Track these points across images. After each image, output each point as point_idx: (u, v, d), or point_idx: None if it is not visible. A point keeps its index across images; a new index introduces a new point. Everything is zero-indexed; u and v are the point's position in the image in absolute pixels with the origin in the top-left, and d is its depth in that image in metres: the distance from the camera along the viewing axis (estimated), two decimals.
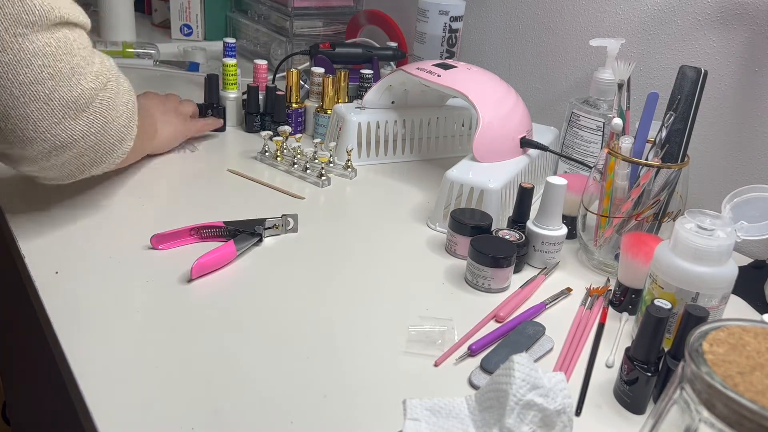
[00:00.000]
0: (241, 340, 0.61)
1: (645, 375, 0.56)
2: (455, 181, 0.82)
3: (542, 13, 1.11)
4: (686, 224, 0.61)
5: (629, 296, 0.71)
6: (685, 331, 0.55)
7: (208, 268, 0.70)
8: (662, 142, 0.73)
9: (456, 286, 0.73)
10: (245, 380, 0.56)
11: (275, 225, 0.79)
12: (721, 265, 0.60)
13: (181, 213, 0.81)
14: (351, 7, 1.40)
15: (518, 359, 0.49)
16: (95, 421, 0.51)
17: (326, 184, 0.94)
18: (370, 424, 0.53)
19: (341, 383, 0.57)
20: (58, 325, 0.60)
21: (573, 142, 0.95)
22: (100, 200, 0.83)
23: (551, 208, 0.76)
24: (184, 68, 1.37)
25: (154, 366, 0.57)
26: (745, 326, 0.39)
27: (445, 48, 1.16)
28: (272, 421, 0.52)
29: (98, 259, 0.71)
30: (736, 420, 0.33)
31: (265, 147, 0.98)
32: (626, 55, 0.95)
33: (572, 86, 1.08)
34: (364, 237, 0.81)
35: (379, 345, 0.62)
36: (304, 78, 1.17)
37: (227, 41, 1.12)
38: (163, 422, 0.51)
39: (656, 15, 0.94)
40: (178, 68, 1.37)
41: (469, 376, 0.59)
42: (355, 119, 0.98)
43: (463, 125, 1.08)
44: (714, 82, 0.88)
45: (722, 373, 0.35)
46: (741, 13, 0.85)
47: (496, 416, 0.49)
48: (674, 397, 0.38)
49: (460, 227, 0.77)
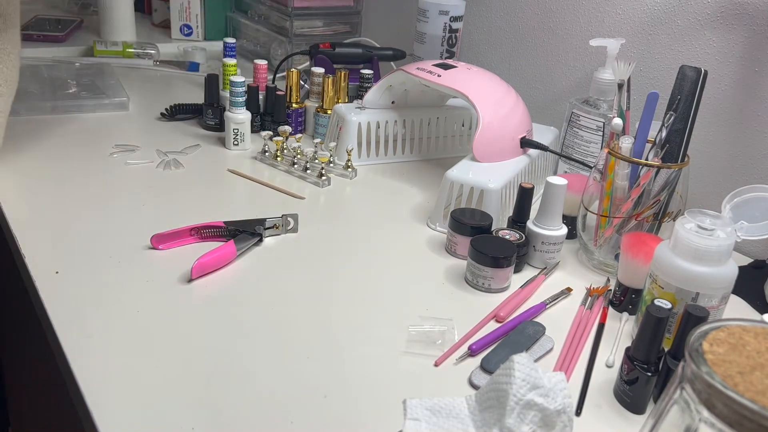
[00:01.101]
0: (242, 340, 0.61)
1: (645, 375, 0.56)
2: (455, 181, 0.82)
3: (542, 13, 1.11)
4: (686, 224, 0.61)
5: (629, 296, 0.71)
6: (685, 331, 0.55)
7: (208, 268, 0.70)
8: (662, 142, 0.73)
9: (456, 286, 0.73)
10: (245, 380, 0.56)
11: (275, 225, 0.79)
12: (721, 265, 0.60)
13: (181, 213, 0.81)
14: (351, 7, 1.40)
15: (518, 359, 0.49)
16: (95, 421, 0.51)
17: (326, 184, 0.94)
18: (370, 424, 0.53)
19: (341, 383, 0.57)
20: (58, 325, 0.60)
21: (573, 142, 0.95)
22: (100, 200, 0.83)
23: (551, 208, 0.76)
24: (184, 68, 1.37)
25: (154, 366, 0.57)
26: (745, 326, 0.39)
27: (445, 48, 1.15)
28: (272, 420, 0.52)
29: (98, 259, 0.71)
30: (736, 420, 0.33)
31: (265, 147, 0.98)
32: (626, 55, 0.95)
33: (572, 86, 1.08)
34: (364, 237, 0.81)
35: (379, 345, 0.62)
36: (304, 78, 1.17)
37: (227, 41, 1.12)
38: (163, 422, 0.51)
39: (656, 15, 0.94)
40: (177, 68, 1.37)
41: (469, 376, 0.59)
42: (355, 119, 0.98)
43: (463, 125, 1.08)
44: (714, 82, 0.88)
45: (722, 372, 0.35)
46: (741, 13, 0.85)
47: (496, 416, 0.49)
48: (674, 396, 0.38)
49: (460, 227, 0.77)
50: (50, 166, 0.90)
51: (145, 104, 1.17)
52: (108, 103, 1.13)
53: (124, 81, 1.25)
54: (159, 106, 1.13)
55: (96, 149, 0.97)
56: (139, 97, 1.20)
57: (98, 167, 0.92)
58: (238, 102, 1.00)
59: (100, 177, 0.89)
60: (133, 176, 0.90)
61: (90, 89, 1.17)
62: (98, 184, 0.87)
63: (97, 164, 0.93)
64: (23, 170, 0.89)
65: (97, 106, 1.12)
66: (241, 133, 1.01)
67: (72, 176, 0.88)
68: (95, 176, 0.89)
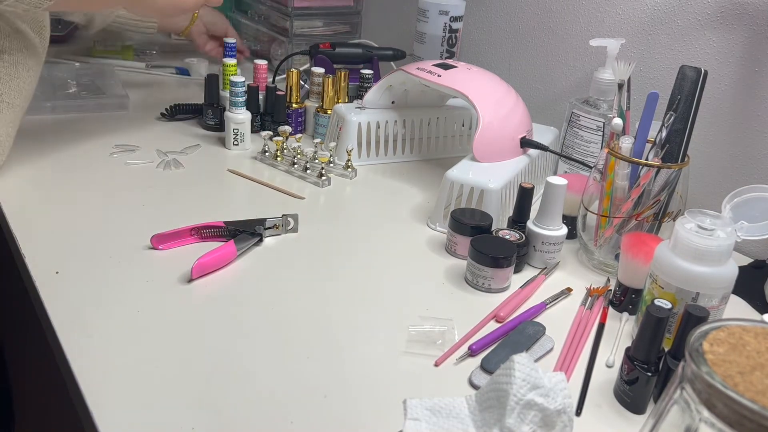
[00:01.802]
0: (242, 340, 0.61)
1: (645, 375, 0.56)
2: (455, 181, 0.82)
3: (542, 13, 1.11)
4: (686, 224, 0.61)
5: (629, 296, 0.71)
6: (685, 331, 0.55)
7: (209, 268, 0.70)
8: (662, 142, 0.73)
9: (456, 286, 0.73)
10: (245, 380, 0.56)
11: (275, 225, 0.79)
12: (721, 265, 0.60)
13: (181, 213, 0.81)
14: (351, 7, 1.40)
15: (518, 359, 0.49)
16: (95, 421, 0.51)
17: (326, 184, 0.94)
18: (370, 424, 0.53)
19: (341, 383, 0.57)
20: (58, 325, 0.60)
21: (573, 142, 0.95)
22: (100, 200, 0.83)
23: (551, 208, 0.76)
24: (173, 72, 1.36)
25: (154, 366, 0.57)
26: (745, 326, 0.39)
27: (445, 48, 1.15)
28: (272, 420, 0.52)
29: (98, 259, 0.71)
30: (736, 420, 0.33)
31: (265, 147, 0.98)
32: (626, 55, 0.95)
33: (572, 86, 1.08)
34: (364, 237, 0.81)
35: (379, 345, 0.62)
36: (304, 78, 1.17)
37: (227, 41, 1.12)
38: (163, 422, 0.51)
39: (656, 15, 0.94)
40: (168, 73, 1.36)
41: (470, 376, 0.59)
42: (355, 119, 0.98)
43: (463, 125, 1.08)
44: (714, 82, 0.88)
45: (722, 372, 0.35)
46: (741, 13, 0.85)
47: (496, 416, 0.49)
48: (674, 396, 0.38)
49: (460, 227, 0.77)
50: (50, 166, 0.90)
51: (145, 104, 1.17)
52: (108, 103, 1.13)
53: (124, 81, 1.25)
54: (159, 106, 1.13)
55: (96, 149, 0.97)
56: (139, 97, 1.20)
57: (98, 167, 0.92)
58: (238, 102, 1.00)
59: (100, 177, 0.89)
60: (133, 176, 0.90)
61: (90, 89, 1.17)
62: (98, 184, 0.87)
63: (97, 164, 0.93)
64: (23, 170, 0.89)
65: (97, 106, 1.12)
66: (241, 133, 1.01)
67: (72, 176, 0.88)
68: (95, 176, 0.89)
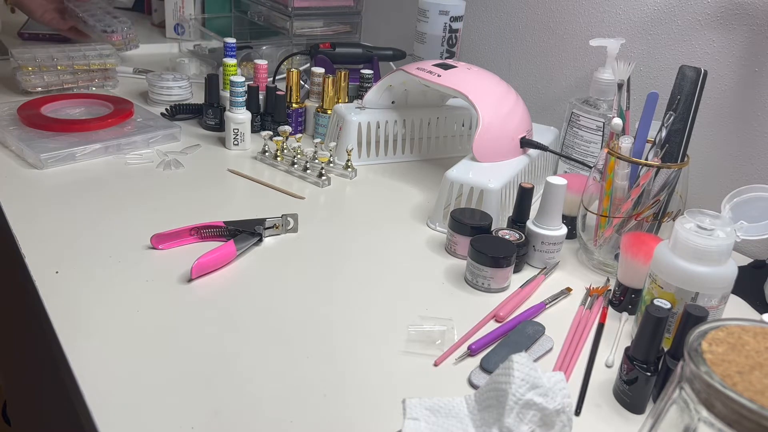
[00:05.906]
0: (241, 340, 0.61)
1: (644, 375, 0.56)
2: (455, 181, 0.82)
3: (542, 13, 1.11)
4: (686, 224, 0.61)
5: (629, 296, 0.71)
6: (685, 331, 0.55)
7: (208, 268, 0.70)
8: (662, 142, 0.73)
9: (456, 286, 0.73)
10: (245, 380, 0.56)
11: (275, 225, 0.79)
12: (720, 265, 0.60)
13: (181, 213, 0.81)
14: (351, 7, 1.40)
15: (518, 359, 0.49)
16: (95, 421, 0.51)
17: (326, 184, 0.94)
18: (370, 423, 0.53)
19: (341, 383, 0.57)
20: (58, 325, 0.60)
21: (573, 142, 0.95)
22: (100, 200, 0.83)
23: (551, 208, 0.76)
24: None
25: (154, 366, 0.57)
26: (745, 326, 0.39)
27: (445, 48, 1.15)
28: (272, 420, 0.52)
29: (98, 259, 0.71)
30: (735, 419, 0.33)
31: (265, 147, 0.98)
32: (626, 55, 0.95)
33: (572, 86, 1.08)
34: (364, 237, 0.81)
35: (379, 345, 0.62)
36: (304, 78, 1.17)
37: (227, 41, 1.12)
38: (163, 422, 0.51)
39: (656, 15, 0.94)
40: None
41: (469, 375, 0.59)
42: (355, 119, 0.98)
43: (463, 125, 1.08)
44: (714, 82, 0.88)
45: (721, 372, 0.35)
46: (741, 13, 0.85)
47: (495, 416, 0.49)
48: (673, 396, 0.38)
49: (460, 227, 0.77)
50: (50, 166, 0.90)
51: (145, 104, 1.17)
52: None
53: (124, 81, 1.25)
54: (158, 107, 1.13)
55: None
56: (139, 97, 1.20)
57: (98, 167, 0.92)
58: (238, 102, 1.00)
59: (100, 177, 0.89)
60: (133, 176, 0.90)
61: None
62: (98, 183, 0.87)
63: (97, 164, 0.93)
64: (23, 170, 0.89)
65: None
66: (241, 133, 1.01)
67: (72, 176, 0.88)
68: (95, 176, 0.89)
